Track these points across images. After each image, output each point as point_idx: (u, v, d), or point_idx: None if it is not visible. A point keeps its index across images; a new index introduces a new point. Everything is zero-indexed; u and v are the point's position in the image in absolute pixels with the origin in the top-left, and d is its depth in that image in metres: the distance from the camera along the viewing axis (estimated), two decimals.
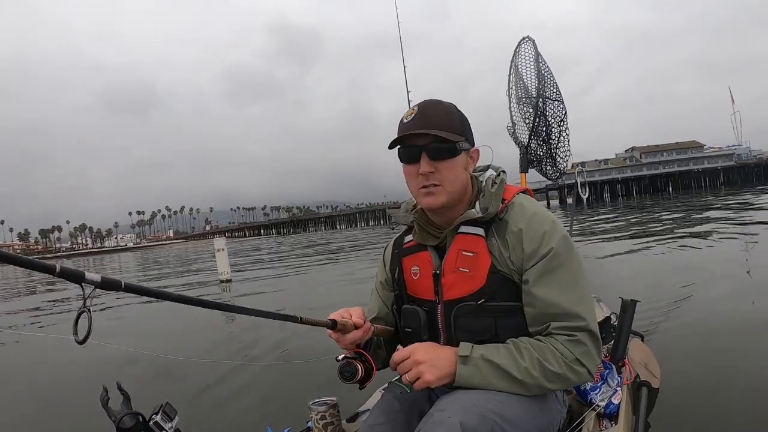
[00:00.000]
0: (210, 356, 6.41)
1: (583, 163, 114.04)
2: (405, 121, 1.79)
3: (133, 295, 1.30)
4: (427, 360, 1.69)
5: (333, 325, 1.71)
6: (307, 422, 2.34)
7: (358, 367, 1.78)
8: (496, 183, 1.86)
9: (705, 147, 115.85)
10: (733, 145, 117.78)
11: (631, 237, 15.78)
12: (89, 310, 1.11)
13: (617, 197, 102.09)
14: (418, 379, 1.68)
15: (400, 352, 1.75)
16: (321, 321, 1.70)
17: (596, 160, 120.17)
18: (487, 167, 1.99)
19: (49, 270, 1.06)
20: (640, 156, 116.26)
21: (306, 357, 4.90)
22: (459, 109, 1.86)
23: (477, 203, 1.84)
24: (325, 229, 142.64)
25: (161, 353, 6.49)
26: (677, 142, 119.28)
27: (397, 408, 1.86)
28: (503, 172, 1.94)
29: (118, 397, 1.59)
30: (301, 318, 1.62)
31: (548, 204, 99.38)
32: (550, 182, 4.96)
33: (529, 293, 1.72)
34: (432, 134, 1.73)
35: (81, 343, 1.10)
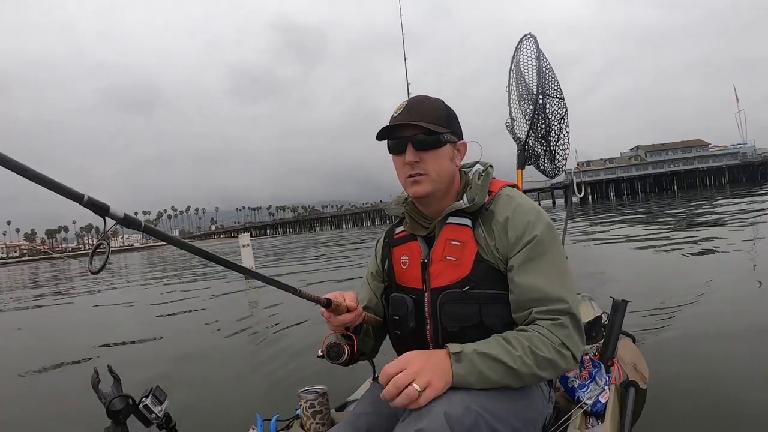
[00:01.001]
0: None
1: (588, 162, 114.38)
2: (394, 115, 1.86)
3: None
4: (428, 368, 1.58)
5: (327, 303, 1.75)
6: (296, 410, 2.37)
7: (345, 348, 1.84)
8: (482, 176, 1.93)
9: (710, 146, 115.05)
10: (738, 144, 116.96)
11: (632, 237, 15.71)
12: (108, 243, 1.14)
13: (622, 196, 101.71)
14: (425, 389, 1.54)
15: (393, 365, 1.58)
16: (317, 297, 1.71)
17: (601, 159, 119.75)
18: (476, 163, 2.05)
19: (77, 198, 1.08)
20: (645, 155, 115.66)
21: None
22: (447, 104, 1.93)
23: (465, 195, 1.90)
24: (330, 228, 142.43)
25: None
26: (682, 140, 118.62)
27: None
28: (490, 166, 2.01)
29: (109, 379, 1.62)
30: (299, 290, 1.63)
31: (553, 203, 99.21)
32: (554, 181, 4.94)
33: (512, 280, 1.76)
34: (417, 126, 1.80)
35: (95, 272, 1.13)
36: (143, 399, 1.62)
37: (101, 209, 1.13)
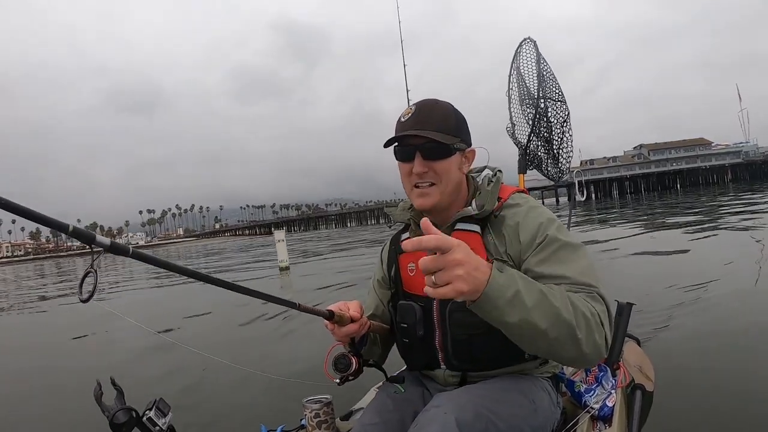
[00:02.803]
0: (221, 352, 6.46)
1: (591, 161, 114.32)
2: (402, 120, 1.82)
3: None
4: (467, 263, 1.32)
5: (330, 315, 1.73)
6: (301, 420, 2.35)
7: (353, 360, 1.82)
8: (492, 182, 1.90)
9: (713, 144, 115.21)
10: (741, 143, 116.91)
11: (636, 236, 15.66)
12: (96, 271, 1.14)
13: (625, 194, 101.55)
14: (446, 285, 1.30)
15: (430, 238, 1.31)
16: (318, 310, 1.70)
17: (605, 158, 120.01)
18: (484, 168, 2.02)
19: (63, 229, 1.11)
20: (648, 153, 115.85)
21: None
22: (456, 108, 1.88)
23: (473, 201, 1.87)
24: (335, 226, 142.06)
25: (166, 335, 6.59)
26: (685, 139, 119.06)
27: (391, 408, 1.89)
28: (499, 171, 1.98)
29: (112, 392, 1.60)
30: (299, 305, 1.61)
31: (557, 201, 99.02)
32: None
33: (532, 276, 1.62)
34: (427, 134, 1.76)
35: (85, 301, 1.12)
36: (147, 411, 1.61)
37: (87, 238, 1.13)
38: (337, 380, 1.85)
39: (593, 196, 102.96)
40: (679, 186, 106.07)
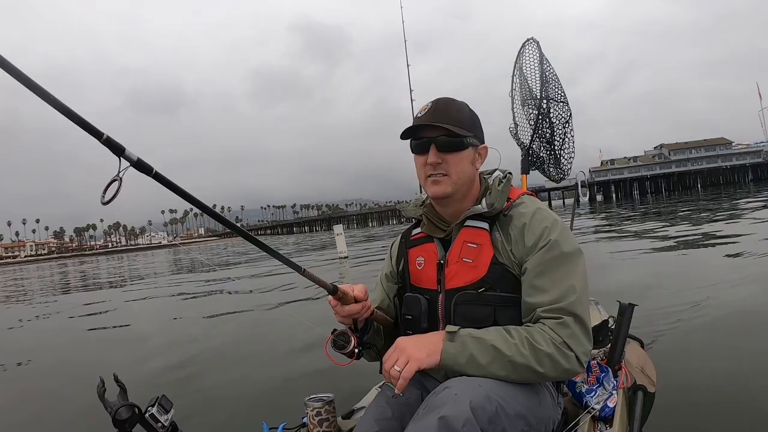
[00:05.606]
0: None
1: (612, 161, 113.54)
2: (418, 115, 1.91)
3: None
4: (412, 343, 1.71)
5: (334, 290, 1.76)
6: (303, 418, 2.37)
7: (352, 339, 1.85)
8: (502, 182, 1.96)
9: (733, 144, 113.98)
10: (762, 142, 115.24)
11: (647, 239, 15.54)
12: (121, 179, 1.22)
13: (646, 194, 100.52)
14: (406, 365, 1.66)
15: (388, 351, 1.75)
16: (322, 281, 1.72)
17: (625, 158, 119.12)
18: (495, 170, 2.08)
19: (97, 135, 1.19)
20: (669, 153, 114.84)
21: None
22: (471, 108, 1.96)
23: (483, 200, 1.93)
24: (357, 226, 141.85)
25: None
26: (705, 139, 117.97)
27: (389, 415, 1.89)
28: (510, 173, 2.04)
29: (115, 388, 1.63)
30: (304, 270, 1.66)
31: (577, 201, 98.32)
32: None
33: (524, 282, 1.78)
34: (441, 127, 1.84)
35: (105, 203, 1.22)
36: (149, 408, 1.62)
37: (117, 149, 1.22)
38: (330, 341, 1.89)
39: (614, 196, 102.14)
40: (699, 186, 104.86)
